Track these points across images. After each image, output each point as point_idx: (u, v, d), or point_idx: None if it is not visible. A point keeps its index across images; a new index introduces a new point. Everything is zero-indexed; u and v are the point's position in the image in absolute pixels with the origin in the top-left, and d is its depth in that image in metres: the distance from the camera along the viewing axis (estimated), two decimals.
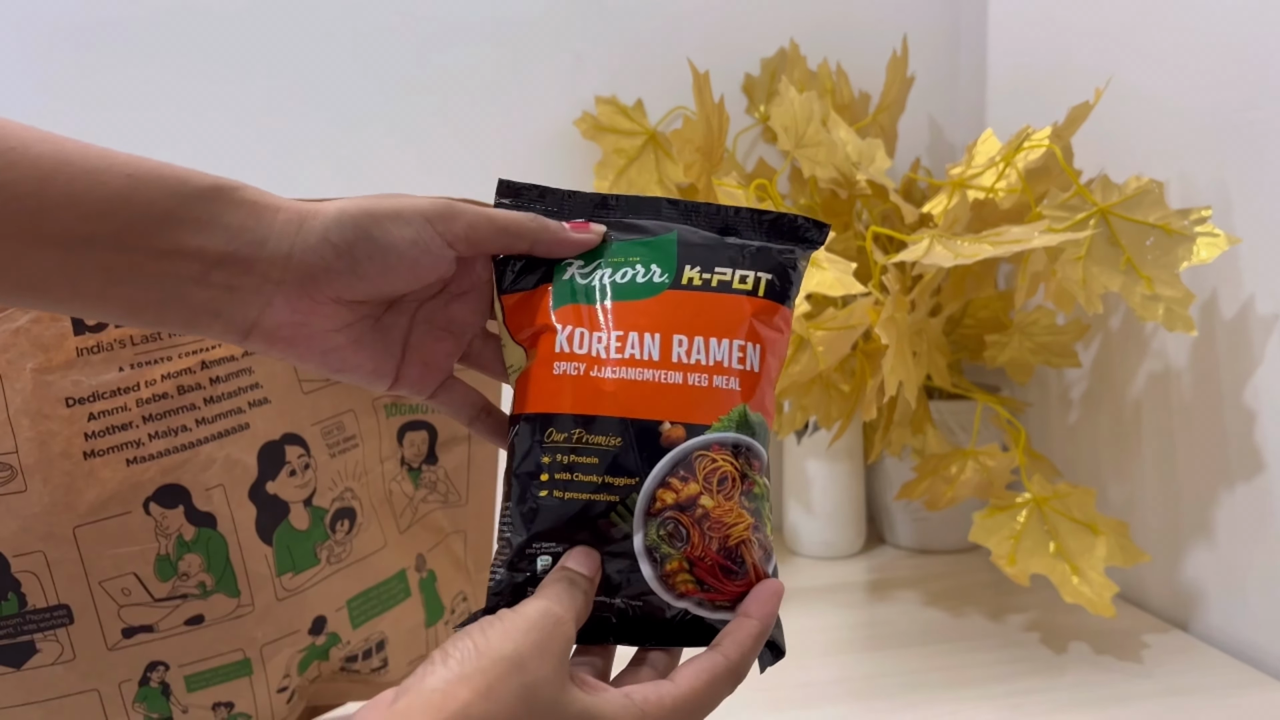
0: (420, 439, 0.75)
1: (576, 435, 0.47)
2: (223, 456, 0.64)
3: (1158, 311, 0.83)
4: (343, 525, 0.71)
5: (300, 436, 0.69)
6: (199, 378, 0.64)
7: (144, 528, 0.62)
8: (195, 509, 0.63)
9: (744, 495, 0.48)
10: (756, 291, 0.49)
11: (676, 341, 0.48)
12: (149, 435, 0.62)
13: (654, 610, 0.47)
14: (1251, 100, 0.85)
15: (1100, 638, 0.91)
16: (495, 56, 1.11)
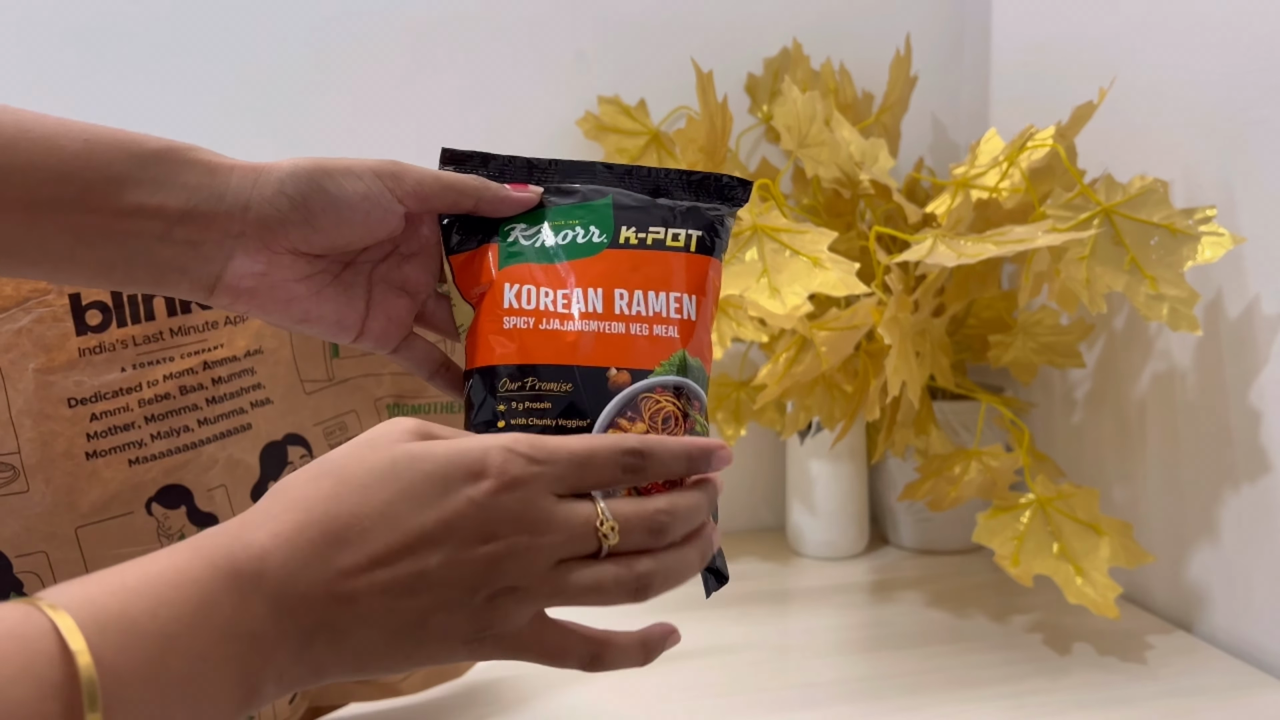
0: None
1: (529, 383, 0.50)
2: (225, 457, 0.64)
3: (1162, 311, 0.82)
4: None
5: (302, 437, 0.69)
6: (201, 378, 0.64)
7: (146, 528, 0.62)
8: (197, 509, 0.63)
9: (686, 432, 0.51)
10: (688, 248, 0.54)
11: (618, 295, 0.52)
12: (151, 435, 0.62)
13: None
14: (1256, 99, 0.85)
15: (1104, 639, 0.91)
16: (498, 55, 1.11)
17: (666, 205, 0.55)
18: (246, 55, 1.06)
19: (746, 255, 0.89)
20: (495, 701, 0.80)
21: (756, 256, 0.89)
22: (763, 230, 0.89)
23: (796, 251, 0.88)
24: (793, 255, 0.88)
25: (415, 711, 0.78)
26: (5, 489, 0.58)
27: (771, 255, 0.88)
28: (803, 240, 0.88)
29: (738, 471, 1.23)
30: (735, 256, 0.89)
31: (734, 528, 1.24)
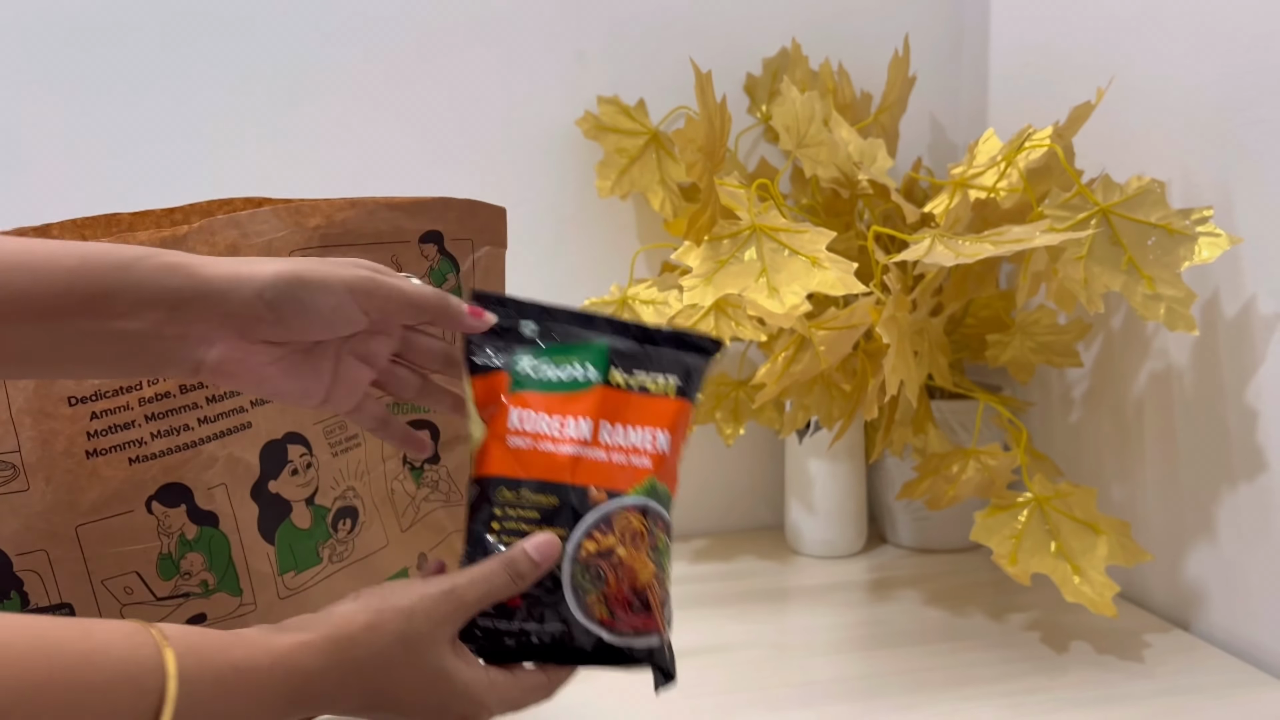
0: (425, 437, 0.75)
1: (522, 495, 0.59)
2: (225, 455, 0.64)
3: (1159, 311, 0.83)
4: (345, 524, 0.70)
5: (302, 435, 0.69)
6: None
7: (146, 526, 0.62)
8: (198, 508, 0.63)
9: (650, 549, 0.60)
10: (667, 393, 0.63)
11: (603, 427, 0.61)
12: (151, 434, 0.62)
13: (573, 635, 0.58)
14: (1254, 100, 0.85)
15: (1101, 637, 0.91)
16: (497, 55, 1.11)
17: (653, 353, 0.64)
18: (249, 57, 1.06)
19: (745, 255, 0.89)
20: None
21: (755, 256, 0.89)
22: (761, 230, 0.89)
23: (795, 251, 0.88)
24: (791, 255, 0.88)
25: None
26: (5, 487, 0.58)
27: (770, 255, 0.89)
28: (801, 240, 0.88)
29: (737, 470, 1.24)
30: (734, 256, 0.89)
31: (732, 526, 1.24)
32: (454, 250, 0.74)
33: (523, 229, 1.15)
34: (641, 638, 0.59)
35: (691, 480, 1.22)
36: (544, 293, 1.15)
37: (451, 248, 0.74)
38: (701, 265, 0.90)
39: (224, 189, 1.07)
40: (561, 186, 1.15)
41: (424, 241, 0.73)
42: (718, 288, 0.88)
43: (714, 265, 0.90)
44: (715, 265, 0.90)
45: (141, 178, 1.05)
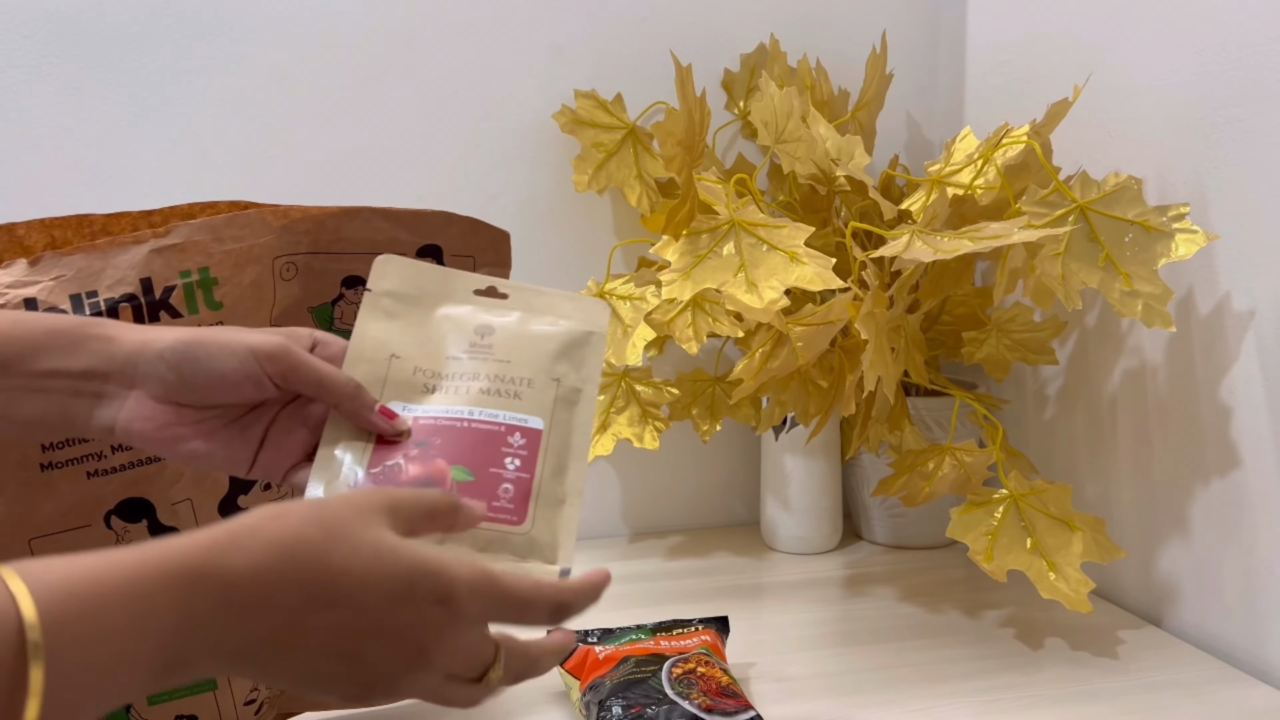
0: None
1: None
2: (190, 471, 0.63)
3: (1136, 307, 0.83)
4: None
5: None
6: None
7: (104, 541, 0.60)
8: (159, 523, 0.62)
9: (720, 670, 0.77)
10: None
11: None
12: (111, 448, 0.60)
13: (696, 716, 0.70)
14: (1230, 98, 0.86)
15: (1076, 634, 0.91)
16: (473, 48, 1.10)
17: None
18: (221, 55, 1.05)
19: (724, 250, 0.89)
20: None
21: (734, 251, 0.89)
22: (740, 225, 0.89)
23: (773, 246, 0.88)
24: (770, 250, 0.88)
25: (393, 712, 0.77)
26: None
27: (748, 250, 0.88)
28: (779, 235, 0.88)
29: (712, 466, 1.23)
30: (713, 251, 0.89)
31: (708, 523, 1.24)
32: (455, 266, 0.72)
33: (498, 223, 1.14)
34: (742, 713, 0.71)
35: (667, 476, 1.22)
36: None
37: (451, 264, 0.72)
38: (680, 260, 0.89)
39: (198, 185, 1.05)
40: (537, 181, 1.14)
41: (422, 255, 0.71)
42: (696, 282, 0.88)
43: (692, 260, 0.89)
44: (694, 260, 0.89)
45: (118, 176, 1.04)
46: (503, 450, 0.59)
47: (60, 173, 1.02)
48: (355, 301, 0.69)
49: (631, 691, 0.72)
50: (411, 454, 0.58)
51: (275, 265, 0.65)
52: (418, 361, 0.62)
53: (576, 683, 0.78)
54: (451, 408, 0.60)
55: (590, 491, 1.20)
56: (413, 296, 0.63)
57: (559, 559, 0.59)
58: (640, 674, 0.75)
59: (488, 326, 0.63)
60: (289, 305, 0.67)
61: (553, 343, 0.64)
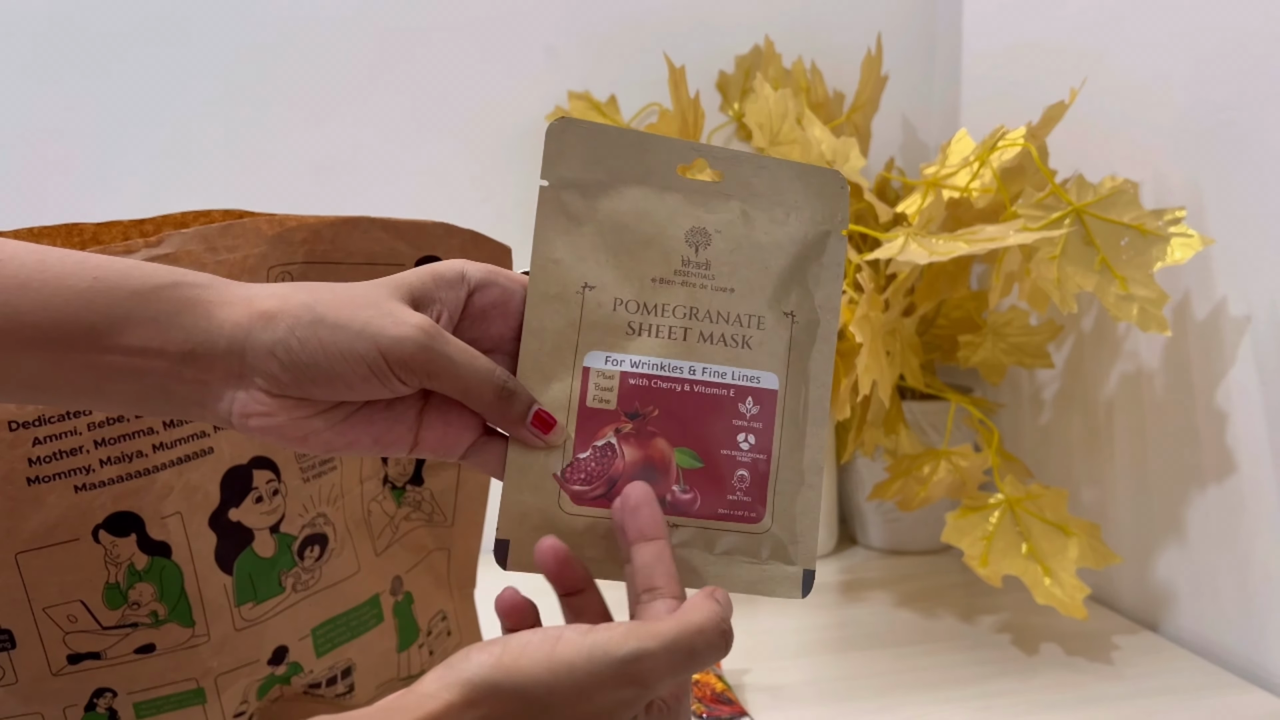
0: (407, 460, 0.71)
1: None
2: (181, 484, 0.61)
3: (1132, 311, 0.82)
4: (312, 551, 0.67)
5: (271, 460, 0.65)
6: None
7: (92, 555, 0.59)
8: (149, 537, 0.60)
9: (715, 676, 0.76)
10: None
11: None
12: (100, 461, 0.58)
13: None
14: (1227, 102, 0.85)
15: (1071, 639, 0.91)
16: (467, 50, 1.10)
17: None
18: (211, 56, 1.04)
19: None
20: None
21: None
22: None
23: None
24: None
25: None
26: None
27: None
28: None
29: None
30: None
31: None
32: None
33: (492, 225, 1.13)
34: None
35: None
36: None
37: None
38: None
39: (191, 186, 1.05)
40: (532, 182, 1.13)
41: (420, 265, 0.67)
42: None
43: None
44: None
45: (109, 179, 1.03)
46: (735, 423, 0.50)
47: (51, 175, 1.02)
48: None
49: None
50: (625, 430, 0.49)
51: (270, 275, 0.63)
52: (617, 290, 0.51)
53: None
54: (668, 360, 0.50)
55: None
56: (601, 183, 0.52)
57: (798, 558, 0.51)
58: None
59: (702, 232, 0.51)
60: None
61: (783, 255, 0.52)
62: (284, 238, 0.63)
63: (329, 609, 0.68)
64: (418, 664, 0.74)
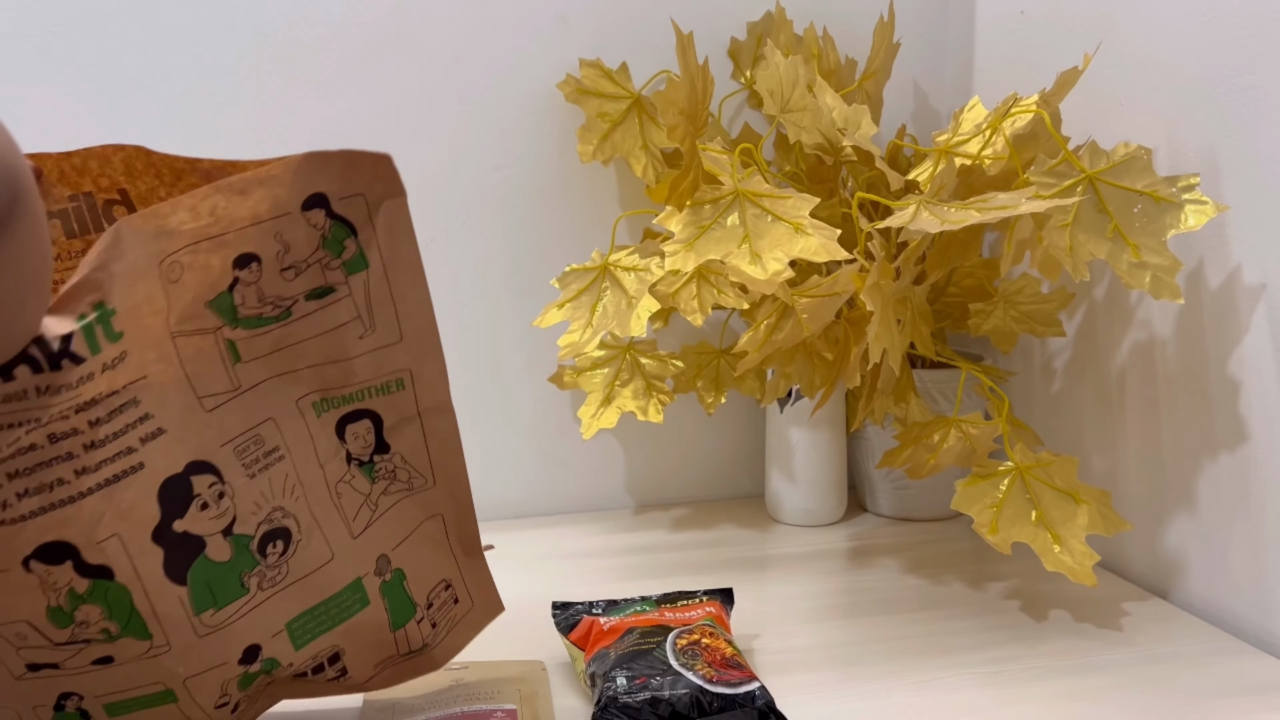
0: (364, 429, 0.67)
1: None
2: (113, 507, 0.56)
3: (1144, 279, 0.82)
4: (275, 547, 0.63)
5: (209, 463, 0.60)
6: (75, 422, 0.54)
7: (26, 585, 0.55)
8: (85, 563, 0.56)
9: (725, 642, 0.77)
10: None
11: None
12: (16, 495, 0.53)
13: (700, 689, 0.71)
14: (1241, 66, 0.85)
15: (1081, 606, 0.91)
16: (476, 17, 1.09)
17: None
18: (217, 25, 1.04)
19: (728, 220, 0.88)
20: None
21: (738, 222, 0.88)
22: (745, 195, 0.88)
23: (778, 217, 0.87)
24: (774, 221, 0.87)
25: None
26: None
27: (753, 221, 0.88)
28: (785, 206, 0.87)
29: (717, 439, 1.23)
30: (717, 221, 0.88)
31: (713, 495, 1.23)
32: (345, 211, 0.63)
33: (503, 194, 1.13)
34: (746, 684, 0.71)
35: (672, 449, 1.22)
36: (523, 259, 1.14)
37: (341, 209, 0.63)
38: (683, 231, 0.89)
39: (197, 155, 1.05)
40: (542, 151, 1.13)
41: (308, 209, 0.62)
42: (700, 254, 0.87)
43: (696, 231, 0.88)
44: (697, 231, 0.88)
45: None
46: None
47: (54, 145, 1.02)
48: (253, 281, 0.61)
49: (636, 663, 0.72)
50: None
51: (161, 270, 0.58)
52: None
53: (581, 654, 0.78)
54: None
55: (595, 464, 1.20)
56: None
57: None
58: (645, 645, 0.75)
59: None
60: (184, 308, 0.59)
61: None
62: (165, 233, 0.58)
63: (303, 601, 0.65)
64: (418, 639, 0.72)
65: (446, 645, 0.74)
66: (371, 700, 0.75)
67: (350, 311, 0.64)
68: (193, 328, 0.59)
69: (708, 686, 0.70)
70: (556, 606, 0.83)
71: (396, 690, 0.75)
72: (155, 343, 0.57)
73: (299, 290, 0.62)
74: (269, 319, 0.62)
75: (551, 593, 0.95)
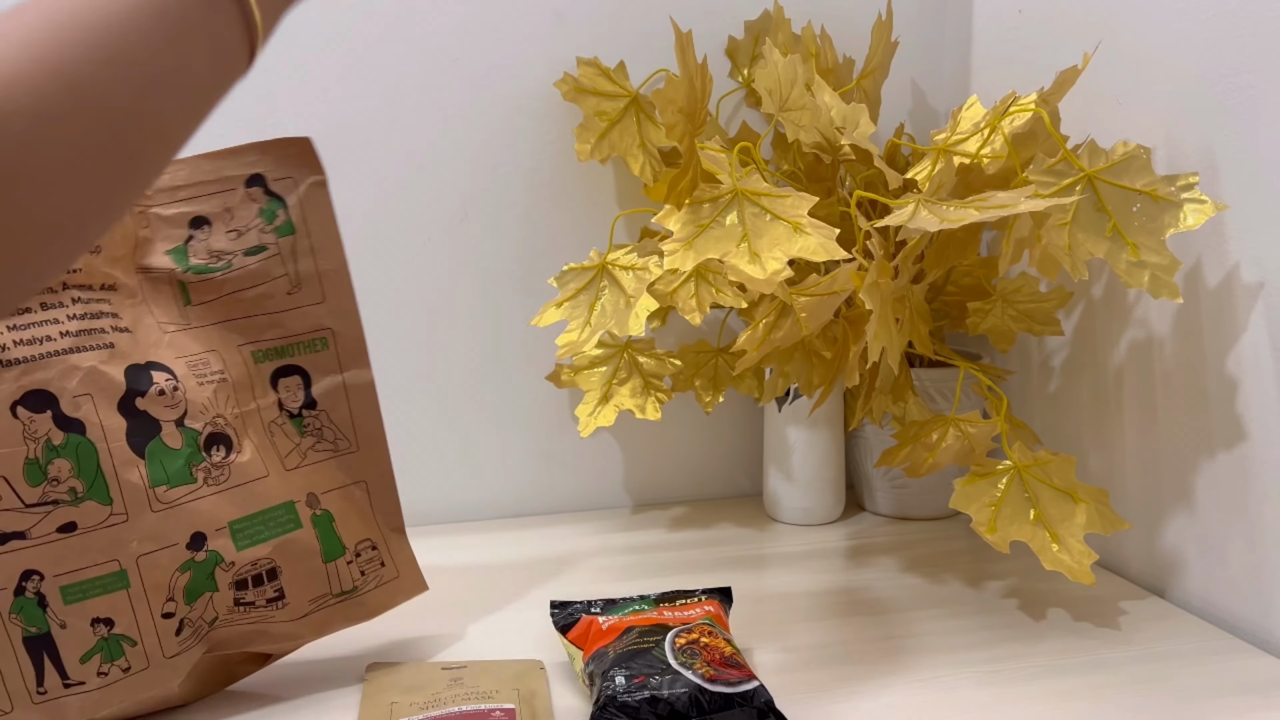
0: (294, 384, 0.77)
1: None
2: (88, 367, 0.67)
3: (1143, 278, 0.82)
4: (218, 450, 0.72)
5: (166, 365, 0.71)
6: (61, 296, 0.68)
7: (11, 431, 0.64)
8: (63, 414, 0.66)
9: (724, 641, 0.77)
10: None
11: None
12: (14, 341, 0.64)
13: (698, 688, 0.70)
14: (1240, 65, 0.85)
15: (1079, 604, 0.91)
16: (473, 14, 1.09)
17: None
18: None
19: (726, 219, 0.88)
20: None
21: (736, 221, 0.88)
22: (743, 194, 0.88)
23: (777, 216, 0.87)
24: (773, 220, 0.87)
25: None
26: None
27: (752, 219, 0.87)
28: (783, 205, 0.87)
29: (715, 438, 1.23)
30: (715, 220, 0.88)
31: (711, 494, 1.23)
32: (278, 189, 0.77)
33: (500, 193, 1.13)
34: (745, 683, 0.71)
35: (670, 448, 1.22)
36: (522, 258, 1.14)
37: (276, 187, 0.77)
38: (682, 230, 0.89)
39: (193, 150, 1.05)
40: (539, 150, 1.13)
41: (249, 185, 0.76)
42: (698, 252, 0.87)
43: (694, 229, 0.88)
44: (696, 229, 0.88)
45: None
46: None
47: None
48: (204, 239, 0.75)
49: (635, 662, 0.72)
50: None
51: (133, 215, 0.72)
52: None
53: (580, 653, 0.78)
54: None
55: (593, 463, 1.20)
56: None
57: None
58: (643, 644, 0.74)
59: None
60: (149, 250, 0.73)
61: None
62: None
63: (244, 506, 0.73)
64: (349, 579, 0.78)
65: (377, 596, 0.80)
66: (371, 700, 0.74)
67: (280, 268, 0.76)
68: (154, 265, 0.73)
69: (706, 685, 0.70)
70: (555, 605, 0.83)
71: (395, 690, 0.75)
72: (124, 266, 0.72)
73: (239, 247, 0.75)
74: (214, 268, 0.75)
75: (550, 592, 0.95)
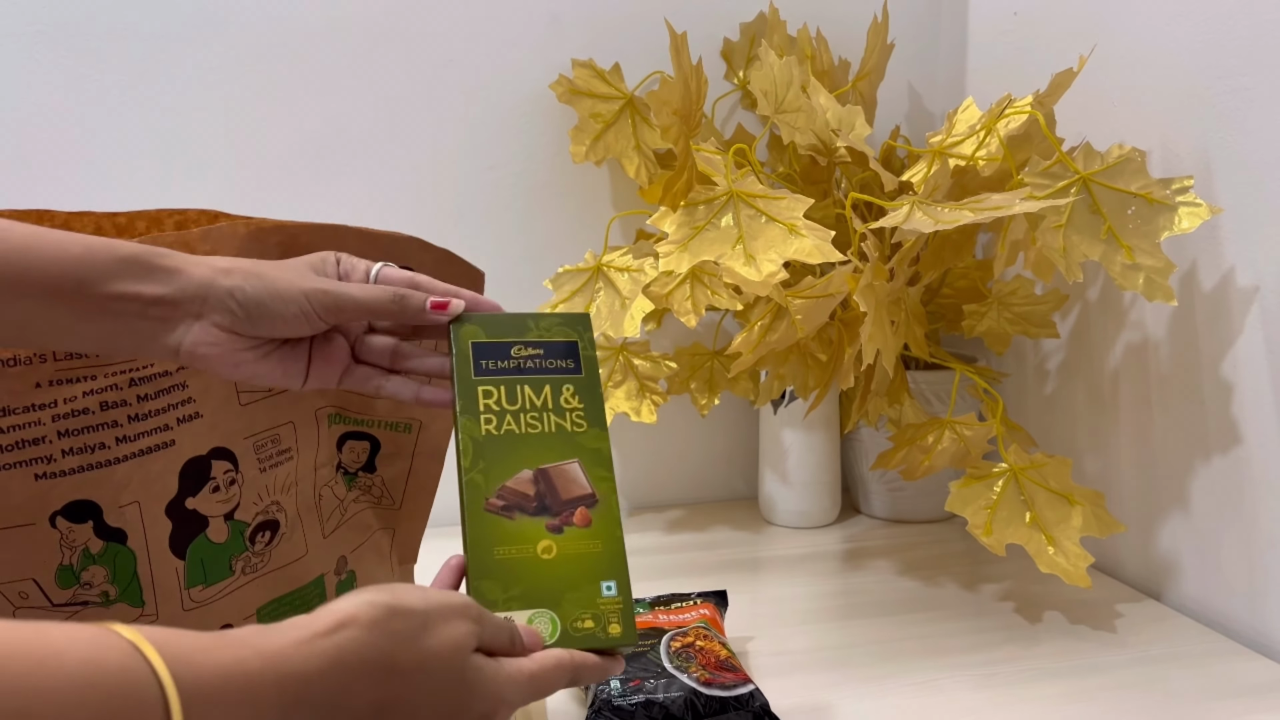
0: (361, 448, 0.74)
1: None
2: (141, 474, 0.62)
3: (1138, 281, 0.82)
4: (263, 537, 0.69)
5: (229, 450, 0.66)
6: (125, 394, 0.62)
7: (48, 540, 0.60)
8: (105, 524, 0.61)
9: (720, 644, 0.77)
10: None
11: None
12: (62, 451, 0.60)
13: (693, 691, 0.70)
14: (1235, 69, 0.85)
15: (1075, 607, 0.91)
16: (469, 17, 1.09)
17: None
18: (211, 23, 1.03)
19: (722, 221, 0.88)
20: None
21: (732, 223, 0.88)
22: (739, 196, 0.88)
23: (772, 218, 0.87)
24: (768, 222, 0.87)
25: None
26: None
27: (747, 221, 0.87)
28: (779, 207, 0.87)
29: (711, 441, 1.23)
30: (710, 222, 0.88)
31: (707, 497, 1.23)
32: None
33: (495, 195, 1.13)
34: (740, 686, 0.71)
35: (666, 451, 1.22)
36: (518, 261, 1.14)
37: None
38: (677, 231, 0.89)
39: (191, 156, 1.04)
40: (535, 152, 1.13)
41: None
42: (694, 254, 0.87)
43: (690, 231, 0.88)
44: (691, 231, 0.88)
45: (108, 143, 1.02)
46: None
47: (48, 147, 1.01)
48: None
49: (630, 665, 0.72)
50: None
51: None
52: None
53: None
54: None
55: None
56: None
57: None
58: (639, 648, 0.74)
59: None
60: None
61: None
62: (258, 237, 0.65)
63: (275, 590, 0.69)
64: None
65: None
66: None
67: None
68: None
69: (702, 689, 0.70)
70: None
71: None
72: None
73: None
74: None
75: None
